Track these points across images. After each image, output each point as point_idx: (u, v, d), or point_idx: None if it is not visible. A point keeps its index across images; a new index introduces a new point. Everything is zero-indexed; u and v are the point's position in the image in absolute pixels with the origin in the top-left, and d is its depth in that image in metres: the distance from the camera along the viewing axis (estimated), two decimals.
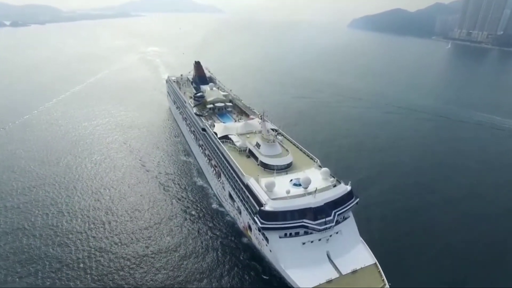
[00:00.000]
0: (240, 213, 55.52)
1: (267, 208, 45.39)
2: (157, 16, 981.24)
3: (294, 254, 45.17)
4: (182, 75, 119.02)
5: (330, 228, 45.49)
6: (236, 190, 55.68)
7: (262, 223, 45.12)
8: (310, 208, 45.48)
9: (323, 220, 45.02)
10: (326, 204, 46.43)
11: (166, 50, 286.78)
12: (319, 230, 44.87)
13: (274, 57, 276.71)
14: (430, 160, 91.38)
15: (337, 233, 47.60)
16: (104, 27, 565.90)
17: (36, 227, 58.24)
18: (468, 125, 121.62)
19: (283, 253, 45.43)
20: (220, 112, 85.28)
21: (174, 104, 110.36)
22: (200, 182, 75.16)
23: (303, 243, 45.83)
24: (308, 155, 60.58)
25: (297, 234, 46.24)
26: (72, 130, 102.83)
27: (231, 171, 57.40)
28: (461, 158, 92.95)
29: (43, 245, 54.09)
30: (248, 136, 64.83)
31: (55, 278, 48.05)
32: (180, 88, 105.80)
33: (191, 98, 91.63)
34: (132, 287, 46.98)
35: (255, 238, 51.09)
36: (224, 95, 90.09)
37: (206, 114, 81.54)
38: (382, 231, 58.54)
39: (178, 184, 74.11)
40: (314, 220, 44.88)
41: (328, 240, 46.72)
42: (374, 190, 72.52)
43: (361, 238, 49.29)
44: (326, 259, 45.36)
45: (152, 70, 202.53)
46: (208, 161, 72.64)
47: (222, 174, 62.71)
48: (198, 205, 66.80)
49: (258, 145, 57.92)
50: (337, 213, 46.58)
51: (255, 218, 46.63)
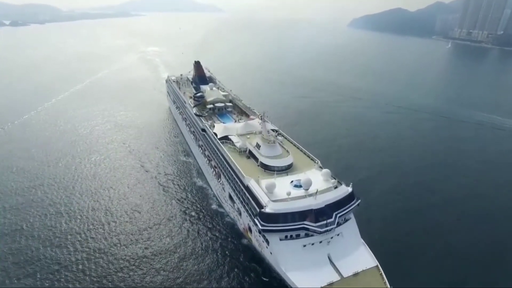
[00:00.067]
0: (240, 214, 55.15)
1: (268, 210, 44.94)
2: (157, 15, 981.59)
3: (295, 257, 44.66)
4: (182, 75, 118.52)
5: (331, 230, 44.99)
6: (236, 191, 55.27)
7: (262, 225, 44.72)
8: (311, 210, 44.98)
9: (324, 222, 44.54)
10: (327, 205, 45.86)
11: (165, 49, 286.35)
12: (320, 232, 44.41)
13: (274, 56, 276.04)
14: (430, 160, 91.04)
15: (338, 235, 46.98)
16: (104, 27, 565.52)
17: (34, 228, 57.88)
18: (468, 124, 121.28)
19: (284, 255, 44.97)
20: (220, 112, 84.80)
21: (174, 104, 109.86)
22: (199, 183, 74.74)
23: (304, 246, 45.32)
24: (308, 156, 60.03)
25: (298, 236, 45.77)
26: (71, 130, 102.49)
27: (231, 172, 56.97)
28: (461, 158, 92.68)
29: (42, 246, 53.72)
30: (248, 136, 64.28)
31: (54, 279, 47.75)
32: (180, 88, 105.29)
33: (191, 98, 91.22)
34: None
35: (255, 240, 50.70)
36: (224, 95, 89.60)
37: (206, 114, 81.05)
38: (382, 232, 58.18)
39: (178, 184, 73.71)
40: (315, 222, 44.39)
41: (329, 242, 46.22)
42: (374, 190, 72.27)
43: (362, 240, 48.80)
44: (327, 262, 44.86)
45: (151, 69, 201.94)
46: (208, 161, 72.17)
47: (222, 175, 62.29)
48: (198, 206, 66.42)
49: (258, 145, 57.47)
50: (338, 215, 46.07)
51: (256, 220, 46.17)
